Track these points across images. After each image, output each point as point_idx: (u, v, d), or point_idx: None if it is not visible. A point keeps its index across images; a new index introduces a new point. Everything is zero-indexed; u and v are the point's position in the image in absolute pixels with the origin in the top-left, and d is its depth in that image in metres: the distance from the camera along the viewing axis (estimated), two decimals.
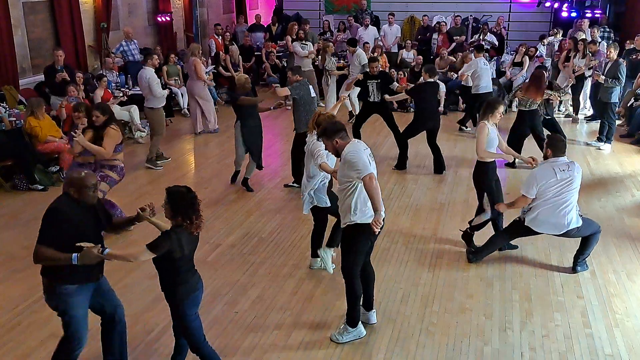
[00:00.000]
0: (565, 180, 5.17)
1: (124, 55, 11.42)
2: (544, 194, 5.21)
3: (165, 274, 3.67)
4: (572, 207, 5.26)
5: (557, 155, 5.26)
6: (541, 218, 5.27)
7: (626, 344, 4.49)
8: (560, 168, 5.19)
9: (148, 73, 8.30)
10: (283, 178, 8.09)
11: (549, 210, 5.22)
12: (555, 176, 5.16)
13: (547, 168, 5.24)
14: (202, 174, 8.45)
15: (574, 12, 14.13)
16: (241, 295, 5.13)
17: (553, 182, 5.16)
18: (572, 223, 5.27)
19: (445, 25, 14.23)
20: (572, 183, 5.20)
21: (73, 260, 3.52)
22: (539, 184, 5.19)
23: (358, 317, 4.49)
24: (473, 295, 5.14)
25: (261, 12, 16.84)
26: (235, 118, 7.59)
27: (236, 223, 6.63)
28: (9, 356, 4.31)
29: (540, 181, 5.19)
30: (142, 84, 8.43)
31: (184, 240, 3.58)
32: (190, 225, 3.59)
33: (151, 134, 8.75)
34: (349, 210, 4.25)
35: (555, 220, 5.25)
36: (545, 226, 5.32)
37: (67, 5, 10.36)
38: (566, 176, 5.17)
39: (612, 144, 9.50)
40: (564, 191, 5.19)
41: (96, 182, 3.77)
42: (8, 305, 4.94)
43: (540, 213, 5.26)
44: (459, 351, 4.40)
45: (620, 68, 9.15)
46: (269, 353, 4.36)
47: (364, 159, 4.10)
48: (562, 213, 5.21)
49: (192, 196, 3.65)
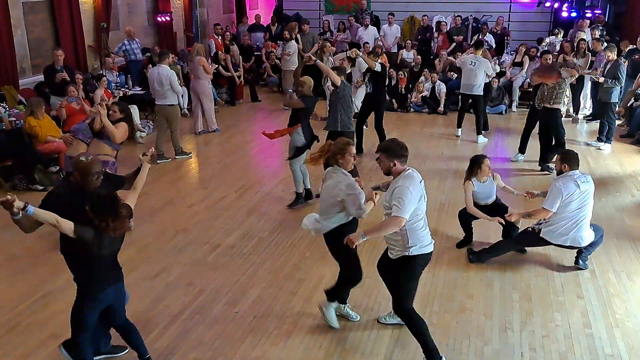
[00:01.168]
0: (585, 192, 5.23)
1: (126, 55, 11.42)
2: (565, 208, 5.25)
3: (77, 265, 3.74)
4: (588, 221, 5.34)
5: (573, 168, 5.31)
6: (560, 231, 5.33)
7: (626, 344, 4.49)
8: (580, 180, 5.24)
9: (167, 71, 8.60)
10: (283, 178, 8.08)
11: (569, 225, 5.29)
12: (578, 188, 5.20)
13: (569, 182, 5.26)
14: (203, 174, 8.45)
15: (574, 12, 14.13)
16: (241, 295, 5.12)
17: (576, 195, 5.20)
18: (589, 238, 5.37)
19: (445, 25, 14.24)
20: (590, 195, 5.27)
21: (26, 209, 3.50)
22: (564, 198, 5.22)
23: (435, 347, 4.10)
24: (473, 295, 5.14)
25: (261, 12, 16.84)
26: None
27: (236, 223, 6.63)
28: (9, 356, 4.30)
29: (565, 195, 5.21)
30: (159, 82, 8.57)
31: (105, 239, 3.59)
32: (106, 226, 3.55)
33: (161, 130, 8.96)
34: (402, 241, 4.02)
35: (574, 235, 5.32)
36: (562, 239, 5.37)
37: (67, 5, 10.36)
38: (586, 188, 5.23)
39: (612, 144, 9.50)
40: (583, 204, 5.26)
41: (100, 169, 3.83)
42: (8, 305, 4.94)
43: (559, 226, 5.32)
44: (459, 351, 4.40)
45: (621, 68, 9.15)
46: (269, 353, 4.36)
47: (411, 199, 3.86)
48: (580, 227, 5.30)
49: (111, 201, 3.61)
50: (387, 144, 4.10)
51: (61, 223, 3.50)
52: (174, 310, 4.87)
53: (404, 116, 11.18)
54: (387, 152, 4.00)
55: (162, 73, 8.56)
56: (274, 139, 7.23)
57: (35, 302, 4.99)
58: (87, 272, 3.71)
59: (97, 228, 3.54)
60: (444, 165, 8.51)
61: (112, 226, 3.54)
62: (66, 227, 3.51)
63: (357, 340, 4.51)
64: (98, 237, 3.56)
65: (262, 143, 10.02)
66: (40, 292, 5.16)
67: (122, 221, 3.58)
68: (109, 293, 3.79)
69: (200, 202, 7.29)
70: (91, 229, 3.54)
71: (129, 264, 5.56)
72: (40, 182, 7.65)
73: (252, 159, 9.17)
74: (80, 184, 3.74)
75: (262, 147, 9.77)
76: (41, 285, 5.26)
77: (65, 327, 4.61)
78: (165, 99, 8.70)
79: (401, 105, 11.83)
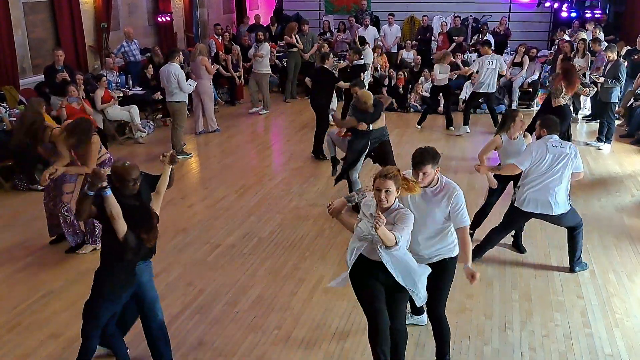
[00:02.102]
0: (557, 156, 5.12)
1: (125, 56, 11.42)
2: (534, 171, 5.17)
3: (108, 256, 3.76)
4: (562, 190, 5.20)
5: (552, 133, 5.26)
6: (530, 197, 5.22)
7: (626, 344, 4.49)
8: (553, 144, 5.17)
9: (176, 69, 8.70)
10: (283, 178, 8.09)
11: (539, 190, 5.17)
12: (547, 152, 5.12)
13: (541, 144, 5.22)
14: (203, 174, 8.45)
15: (574, 12, 14.15)
16: (241, 295, 5.13)
17: (547, 158, 5.11)
18: (562, 205, 5.22)
19: (445, 25, 14.25)
20: (563, 161, 5.12)
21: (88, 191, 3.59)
22: (535, 158, 5.16)
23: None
24: (473, 295, 5.14)
25: (261, 13, 16.85)
26: None
27: (236, 223, 6.63)
28: (9, 356, 4.31)
29: (535, 156, 5.15)
30: (168, 79, 8.73)
31: (143, 249, 3.67)
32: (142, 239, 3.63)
33: (172, 126, 9.10)
34: (448, 245, 3.97)
35: (545, 199, 5.18)
36: (533, 204, 5.24)
37: (67, 5, 10.36)
38: (558, 152, 5.13)
39: (612, 144, 9.50)
40: (556, 170, 5.12)
41: (138, 175, 3.80)
42: (8, 305, 4.94)
43: (529, 192, 5.22)
44: (459, 351, 4.40)
45: (621, 68, 9.15)
46: (269, 353, 4.36)
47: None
48: (551, 192, 5.16)
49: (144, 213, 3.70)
50: (431, 153, 3.82)
51: (119, 221, 3.54)
52: (174, 310, 4.87)
53: (403, 116, 11.18)
54: (435, 160, 3.81)
55: (171, 71, 8.71)
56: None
57: (35, 302, 4.99)
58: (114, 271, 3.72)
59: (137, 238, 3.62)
60: (444, 165, 8.45)
61: (146, 238, 3.62)
62: (120, 228, 3.55)
63: (357, 340, 4.51)
64: (138, 246, 3.62)
65: (262, 143, 10.05)
66: (40, 292, 5.17)
67: (155, 231, 3.66)
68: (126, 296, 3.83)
69: (200, 202, 7.29)
70: (136, 237, 3.60)
71: None
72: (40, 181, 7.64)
73: (252, 159, 9.17)
74: (118, 188, 3.73)
75: (262, 147, 9.78)
76: (41, 285, 5.26)
77: (65, 327, 4.63)
78: (173, 96, 8.85)
79: (401, 105, 11.83)
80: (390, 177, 3.51)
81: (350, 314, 4.83)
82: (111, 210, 3.55)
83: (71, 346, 4.39)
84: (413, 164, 3.83)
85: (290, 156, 9.08)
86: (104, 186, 3.54)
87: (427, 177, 3.80)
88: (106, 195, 3.54)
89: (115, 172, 3.75)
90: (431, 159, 3.78)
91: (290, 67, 12.61)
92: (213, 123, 10.35)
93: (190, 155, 9.10)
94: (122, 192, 3.74)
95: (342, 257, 5.78)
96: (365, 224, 3.61)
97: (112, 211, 3.55)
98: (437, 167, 3.83)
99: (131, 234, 3.58)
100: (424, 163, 3.77)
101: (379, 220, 3.24)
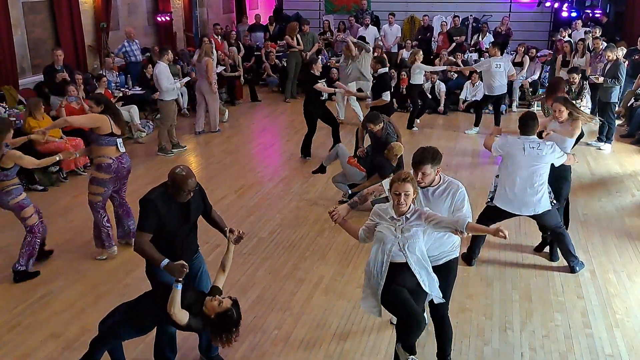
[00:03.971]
0: (532, 157, 5.07)
1: (126, 56, 11.42)
2: (509, 166, 5.13)
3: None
4: (542, 189, 5.15)
5: (527, 134, 5.17)
6: (509, 196, 5.16)
7: (626, 344, 4.49)
8: (530, 145, 5.10)
9: (158, 67, 8.90)
10: (283, 178, 8.09)
11: (517, 189, 5.12)
12: (523, 150, 5.07)
13: (517, 140, 5.16)
14: (203, 174, 8.44)
15: (574, 12, 14.14)
16: (241, 295, 5.12)
17: (520, 154, 5.06)
18: (542, 204, 5.16)
19: (445, 25, 14.26)
20: (539, 161, 5.08)
21: (162, 264, 3.63)
22: (506, 148, 5.13)
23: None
24: (473, 295, 5.14)
25: (261, 12, 16.85)
26: None
27: (236, 223, 6.62)
28: (9, 356, 4.30)
29: (508, 145, 5.13)
30: (155, 78, 9.03)
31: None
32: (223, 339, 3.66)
33: (160, 124, 9.36)
34: (453, 245, 3.97)
35: (524, 199, 5.13)
36: (513, 204, 5.20)
37: (67, 5, 10.35)
38: (534, 154, 5.08)
39: (612, 144, 9.50)
40: (532, 170, 5.08)
41: (194, 187, 3.77)
42: (8, 305, 4.94)
43: (508, 190, 5.17)
44: (459, 351, 4.39)
45: (621, 68, 9.15)
46: (269, 353, 4.36)
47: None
48: (530, 191, 5.11)
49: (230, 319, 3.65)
50: (431, 153, 3.80)
51: (177, 312, 3.49)
52: None
53: (404, 116, 11.15)
54: (438, 160, 3.80)
55: (155, 69, 8.99)
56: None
57: (35, 302, 4.99)
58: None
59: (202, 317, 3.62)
60: (444, 165, 8.44)
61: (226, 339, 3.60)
62: (180, 318, 3.51)
63: (357, 340, 4.51)
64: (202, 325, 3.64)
65: (262, 143, 10.04)
66: (40, 292, 5.16)
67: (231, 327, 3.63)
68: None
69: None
70: (200, 319, 3.60)
71: (129, 264, 5.58)
72: (40, 182, 7.65)
73: (252, 159, 9.17)
74: (172, 195, 3.74)
75: (262, 147, 9.78)
76: (41, 285, 5.26)
77: (65, 327, 4.63)
78: (160, 95, 9.07)
79: (401, 105, 11.82)
80: (408, 180, 3.58)
81: (350, 314, 4.83)
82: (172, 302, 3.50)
83: (71, 346, 4.39)
84: (412, 164, 3.84)
85: (290, 156, 9.08)
86: (178, 280, 3.52)
87: (427, 177, 3.79)
88: (178, 288, 3.52)
89: (174, 179, 3.72)
90: (431, 158, 3.77)
91: (290, 66, 12.61)
92: (215, 123, 10.35)
93: (185, 148, 9.40)
94: (174, 197, 3.75)
95: (342, 257, 5.80)
96: (388, 228, 3.66)
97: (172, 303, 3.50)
98: (437, 167, 3.82)
99: (195, 321, 3.56)
100: (423, 162, 3.76)
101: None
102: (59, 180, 7.84)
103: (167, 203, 3.76)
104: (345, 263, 5.70)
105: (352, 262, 5.72)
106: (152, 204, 3.72)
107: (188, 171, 3.78)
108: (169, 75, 8.95)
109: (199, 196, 4.03)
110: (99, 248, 5.82)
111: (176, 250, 3.85)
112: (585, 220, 6.65)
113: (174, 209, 3.80)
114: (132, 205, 6.38)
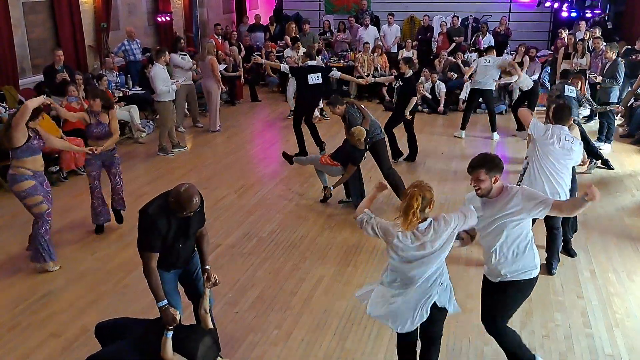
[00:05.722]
0: (564, 151, 5.06)
1: (126, 55, 11.41)
2: (542, 153, 5.09)
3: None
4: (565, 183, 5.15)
5: (562, 123, 5.18)
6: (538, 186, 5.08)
7: (626, 344, 4.49)
8: (565, 137, 5.08)
9: (154, 69, 8.87)
10: (282, 178, 8.09)
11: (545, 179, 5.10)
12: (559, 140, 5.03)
13: (554, 127, 5.12)
14: (202, 174, 8.44)
15: (574, 12, 14.13)
16: (241, 295, 5.12)
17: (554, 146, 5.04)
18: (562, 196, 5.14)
19: (445, 25, 14.26)
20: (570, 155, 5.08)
21: (159, 304, 3.66)
22: (543, 131, 5.08)
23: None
24: (473, 295, 5.12)
25: (261, 12, 16.85)
26: None
27: (236, 223, 6.63)
28: (9, 356, 4.30)
29: (545, 128, 5.09)
30: (152, 79, 8.96)
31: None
32: None
33: (160, 125, 9.34)
34: (530, 262, 3.78)
35: (550, 190, 5.09)
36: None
37: (67, 5, 10.36)
38: (568, 147, 5.07)
39: (612, 144, 9.50)
40: (562, 163, 5.07)
41: (195, 209, 3.70)
42: (8, 305, 4.94)
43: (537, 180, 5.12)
44: (459, 351, 4.40)
45: (619, 68, 9.15)
46: (269, 353, 4.36)
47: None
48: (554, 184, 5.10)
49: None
50: (489, 159, 3.65)
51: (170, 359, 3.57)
52: None
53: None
54: (490, 168, 3.60)
55: (151, 72, 8.95)
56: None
57: (35, 302, 4.99)
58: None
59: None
60: (444, 165, 8.50)
61: None
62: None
63: (357, 340, 4.51)
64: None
65: (262, 143, 10.04)
66: (40, 292, 5.17)
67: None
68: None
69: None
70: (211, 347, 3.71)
71: (129, 264, 5.58)
72: None
73: (252, 159, 9.17)
74: (173, 209, 3.67)
75: (262, 147, 9.78)
76: (41, 285, 5.26)
77: (65, 327, 4.63)
78: (157, 96, 9.03)
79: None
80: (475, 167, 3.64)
81: (350, 314, 4.83)
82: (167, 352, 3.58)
83: (71, 346, 4.39)
84: (468, 169, 3.74)
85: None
86: (168, 328, 3.58)
87: (482, 183, 3.63)
88: (167, 337, 3.58)
89: (178, 199, 3.62)
90: (485, 164, 3.61)
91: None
92: (215, 123, 10.35)
93: (185, 148, 9.41)
94: (174, 213, 3.68)
95: (342, 257, 5.80)
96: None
97: (164, 351, 3.58)
98: (495, 175, 3.62)
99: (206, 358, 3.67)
100: (477, 167, 3.63)
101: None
102: (59, 180, 7.84)
103: (168, 219, 3.68)
104: (345, 263, 5.70)
105: (352, 262, 5.72)
106: (154, 225, 3.65)
107: (193, 191, 3.66)
108: (164, 77, 8.86)
109: (201, 209, 3.95)
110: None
111: (172, 257, 3.86)
112: (585, 220, 6.65)
113: (174, 224, 3.73)
114: (132, 205, 6.41)
